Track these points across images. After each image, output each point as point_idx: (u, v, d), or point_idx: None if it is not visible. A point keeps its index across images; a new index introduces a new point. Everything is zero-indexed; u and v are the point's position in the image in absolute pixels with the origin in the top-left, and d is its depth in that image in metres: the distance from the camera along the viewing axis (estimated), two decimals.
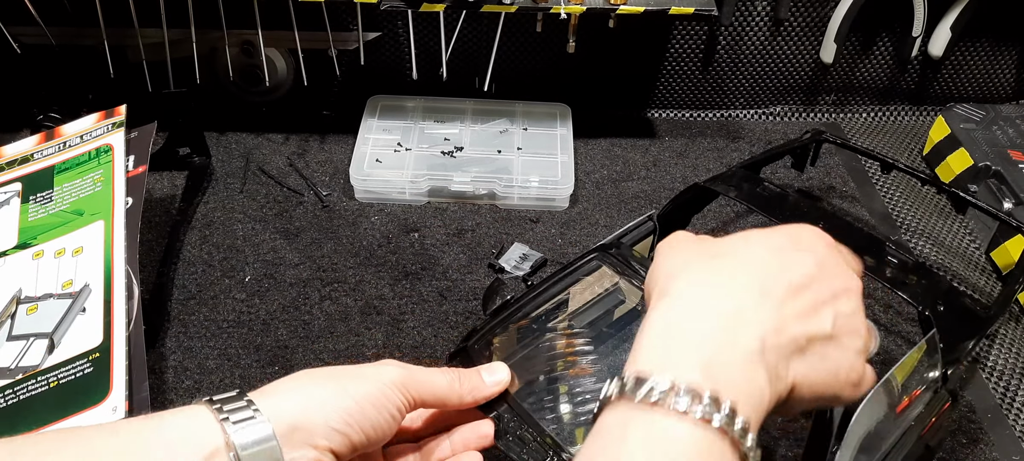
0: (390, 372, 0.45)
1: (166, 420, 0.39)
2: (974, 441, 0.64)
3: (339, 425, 0.41)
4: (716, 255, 0.41)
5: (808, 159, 0.84)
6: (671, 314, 0.38)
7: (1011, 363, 0.72)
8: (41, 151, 0.72)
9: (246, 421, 0.39)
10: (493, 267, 0.77)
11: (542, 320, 0.63)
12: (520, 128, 0.94)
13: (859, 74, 1.05)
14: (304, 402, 0.41)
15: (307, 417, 0.41)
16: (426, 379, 0.46)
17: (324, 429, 0.41)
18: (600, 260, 0.62)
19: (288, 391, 0.42)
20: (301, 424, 0.40)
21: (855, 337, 0.40)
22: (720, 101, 1.05)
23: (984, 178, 0.86)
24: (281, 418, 0.40)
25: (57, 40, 0.87)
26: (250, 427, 0.39)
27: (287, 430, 0.40)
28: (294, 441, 0.40)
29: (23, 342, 0.59)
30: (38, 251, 0.64)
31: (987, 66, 1.05)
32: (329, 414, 0.41)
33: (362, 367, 0.45)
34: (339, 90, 1.00)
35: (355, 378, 0.43)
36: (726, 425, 0.33)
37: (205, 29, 0.85)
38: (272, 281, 0.76)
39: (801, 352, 0.38)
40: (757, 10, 0.97)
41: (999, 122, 0.93)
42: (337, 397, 0.42)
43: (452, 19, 0.88)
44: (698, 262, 0.40)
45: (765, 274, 0.38)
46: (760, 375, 0.36)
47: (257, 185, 0.88)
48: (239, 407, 0.40)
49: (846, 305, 0.40)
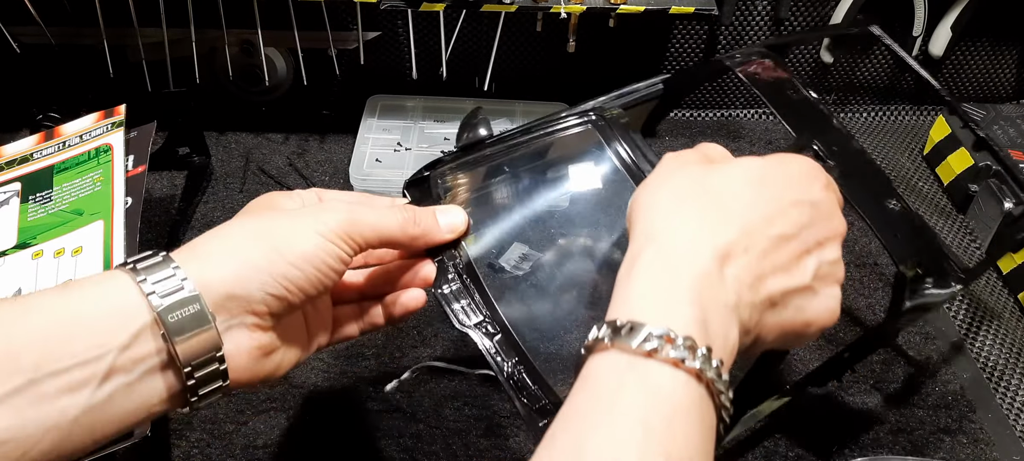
0: (331, 219, 0.42)
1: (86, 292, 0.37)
2: (974, 441, 0.64)
3: (276, 290, 0.39)
4: (707, 190, 0.39)
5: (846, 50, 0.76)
6: (661, 258, 0.37)
7: (1012, 363, 0.72)
8: (40, 151, 0.71)
9: (173, 293, 0.36)
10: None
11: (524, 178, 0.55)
12: None
13: (859, 74, 1.05)
14: (236, 266, 0.39)
15: (241, 284, 0.38)
16: (373, 221, 0.43)
17: (260, 295, 0.39)
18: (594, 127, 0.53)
19: (220, 254, 0.39)
20: (235, 291, 0.38)
21: (834, 284, 0.40)
22: (720, 101, 1.05)
23: (984, 178, 0.86)
24: (212, 286, 0.38)
25: (57, 40, 0.87)
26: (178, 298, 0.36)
27: (221, 299, 0.38)
28: (229, 309, 0.38)
29: None
30: (37, 251, 0.64)
31: (988, 66, 1.05)
32: (264, 280, 0.39)
33: (298, 216, 0.42)
34: (339, 90, 1.00)
35: (291, 234, 0.40)
36: (714, 379, 0.33)
37: (205, 29, 0.85)
38: None
39: (774, 306, 0.38)
40: (757, 10, 0.97)
41: (1000, 122, 0.93)
42: (272, 261, 0.39)
43: (452, 19, 0.88)
44: (689, 200, 0.39)
45: (753, 221, 0.38)
46: (734, 330, 0.36)
47: (257, 185, 0.88)
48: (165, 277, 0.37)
49: (830, 252, 0.40)
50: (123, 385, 0.36)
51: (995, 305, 0.78)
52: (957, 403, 0.67)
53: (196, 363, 0.37)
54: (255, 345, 0.40)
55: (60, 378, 0.34)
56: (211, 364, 0.38)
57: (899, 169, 0.97)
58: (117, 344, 0.35)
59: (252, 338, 0.40)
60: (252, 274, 0.39)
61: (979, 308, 0.77)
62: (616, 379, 0.34)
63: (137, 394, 0.36)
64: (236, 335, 0.39)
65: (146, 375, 0.37)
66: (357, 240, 0.43)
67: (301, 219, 0.42)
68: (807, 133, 0.54)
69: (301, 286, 0.40)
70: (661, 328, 0.33)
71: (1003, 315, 0.77)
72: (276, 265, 0.39)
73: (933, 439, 0.64)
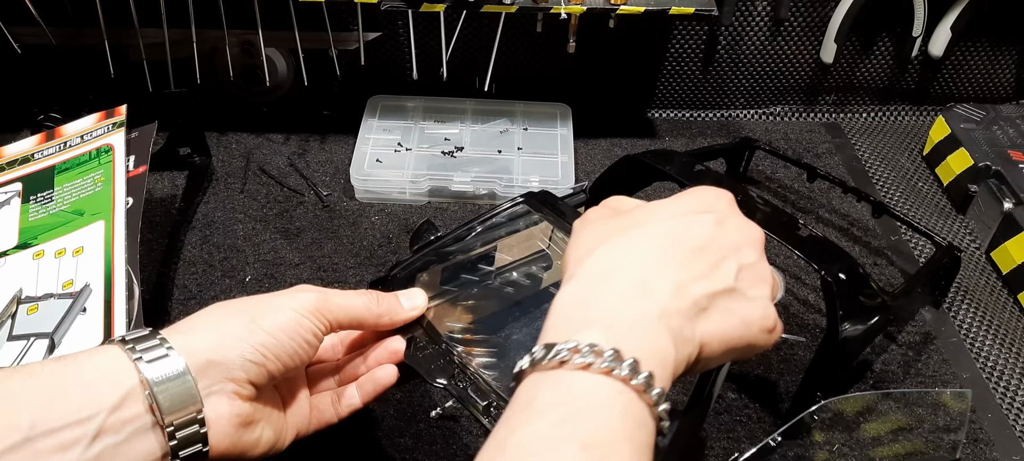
0: (304, 298, 0.46)
1: (80, 361, 0.40)
2: (974, 441, 0.64)
3: (254, 357, 0.42)
4: (626, 228, 0.42)
5: (741, 165, 0.89)
6: (578, 289, 0.40)
7: (1012, 363, 0.72)
8: (41, 151, 0.72)
9: (160, 359, 0.40)
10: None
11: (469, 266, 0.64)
12: (520, 128, 0.94)
13: (859, 74, 1.05)
14: (218, 337, 0.42)
15: (222, 352, 0.41)
16: (342, 302, 0.47)
17: (240, 362, 0.42)
18: (526, 203, 0.62)
19: (202, 327, 0.43)
20: (216, 359, 0.41)
21: (761, 285, 0.42)
22: (720, 101, 1.05)
23: (984, 178, 0.86)
24: (196, 354, 0.41)
25: (57, 40, 0.87)
26: (164, 364, 0.40)
27: (203, 365, 0.41)
28: (210, 375, 0.41)
29: (24, 342, 0.59)
30: (39, 251, 0.64)
31: (987, 66, 1.05)
32: (243, 348, 0.42)
33: (275, 296, 0.46)
34: (339, 90, 1.00)
35: (268, 309, 0.44)
36: (629, 376, 0.35)
37: (205, 29, 0.85)
38: (273, 281, 0.76)
39: (704, 311, 0.39)
40: (757, 10, 0.97)
41: (999, 122, 0.93)
42: (251, 330, 0.43)
43: (452, 19, 0.88)
44: (609, 239, 0.42)
45: (666, 241, 0.41)
46: (663, 338, 0.37)
47: (257, 185, 0.88)
48: (152, 345, 0.40)
49: (748, 255, 0.42)
50: (111, 445, 0.38)
51: (995, 305, 0.78)
52: None
53: (178, 423, 0.40)
54: (235, 413, 0.42)
55: (54, 437, 0.37)
56: (192, 426, 0.40)
57: (899, 169, 0.97)
58: (107, 405, 0.38)
59: (232, 406, 0.42)
60: (232, 342, 0.42)
61: (979, 308, 0.78)
62: (532, 389, 0.36)
63: (124, 455, 0.39)
64: (217, 401, 0.42)
65: (133, 436, 0.39)
66: (329, 316, 0.46)
67: (277, 298, 0.45)
68: None
69: (278, 354, 0.43)
70: (570, 344, 0.36)
71: (1003, 315, 0.77)
72: (255, 334, 0.43)
73: (933, 438, 0.64)
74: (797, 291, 0.77)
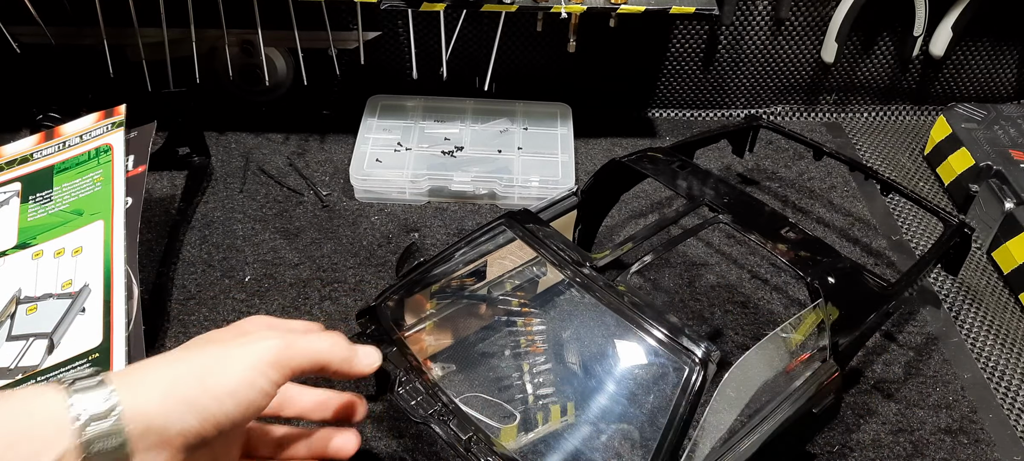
0: (265, 347, 0.44)
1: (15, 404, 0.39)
2: (975, 441, 0.64)
3: (195, 424, 0.41)
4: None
5: (746, 145, 0.87)
6: None
7: (1012, 363, 0.72)
8: (40, 151, 0.71)
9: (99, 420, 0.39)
10: None
11: (458, 286, 0.64)
12: (520, 127, 0.93)
13: (860, 74, 1.04)
14: (161, 400, 0.41)
15: (164, 415, 0.40)
16: (306, 346, 0.46)
17: (179, 427, 0.41)
18: (506, 226, 0.61)
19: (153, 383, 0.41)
20: (156, 425, 0.40)
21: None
22: (721, 101, 1.05)
23: (985, 178, 0.86)
24: (137, 416, 0.40)
25: (57, 40, 0.87)
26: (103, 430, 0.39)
27: (141, 431, 0.40)
28: (147, 439, 0.40)
29: (23, 342, 0.59)
30: (38, 251, 0.64)
31: (988, 66, 1.05)
32: (185, 416, 0.41)
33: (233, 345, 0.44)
34: (339, 90, 1.00)
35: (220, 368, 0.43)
36: None
37: (205, 29, 0.85)
38: (272, 281, 0.76)
39: None
40: (758, 9, 0.97)
41: (1001, 122, 0.93)
42: (197, 395, 0.41)
43: (452, 19, 0.88)
44: None
45: None
46: None
47: (257, 185, 0.88)
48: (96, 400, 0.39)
49: None
50: None
51: (996, 305, 0.78)
52: (958, 403, 0.67)
53: None
54: None
55: None
56: None
57: (900, 169, 0.97)
58: None
59: None
60: (175, 407, 0.41)
61: (980, 308, 0.77)
62: None
63: None
64: None
65: None
66: (290, 366, 0.45)
67: (235, 349, 0.44)
68: (697, 195, 0.66)
69: (219, 421, 0.42)
70: None
71: (1004, 315, 0.77)
72: (200, 399, 0.42)
73: (934, 439, 0.64)
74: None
